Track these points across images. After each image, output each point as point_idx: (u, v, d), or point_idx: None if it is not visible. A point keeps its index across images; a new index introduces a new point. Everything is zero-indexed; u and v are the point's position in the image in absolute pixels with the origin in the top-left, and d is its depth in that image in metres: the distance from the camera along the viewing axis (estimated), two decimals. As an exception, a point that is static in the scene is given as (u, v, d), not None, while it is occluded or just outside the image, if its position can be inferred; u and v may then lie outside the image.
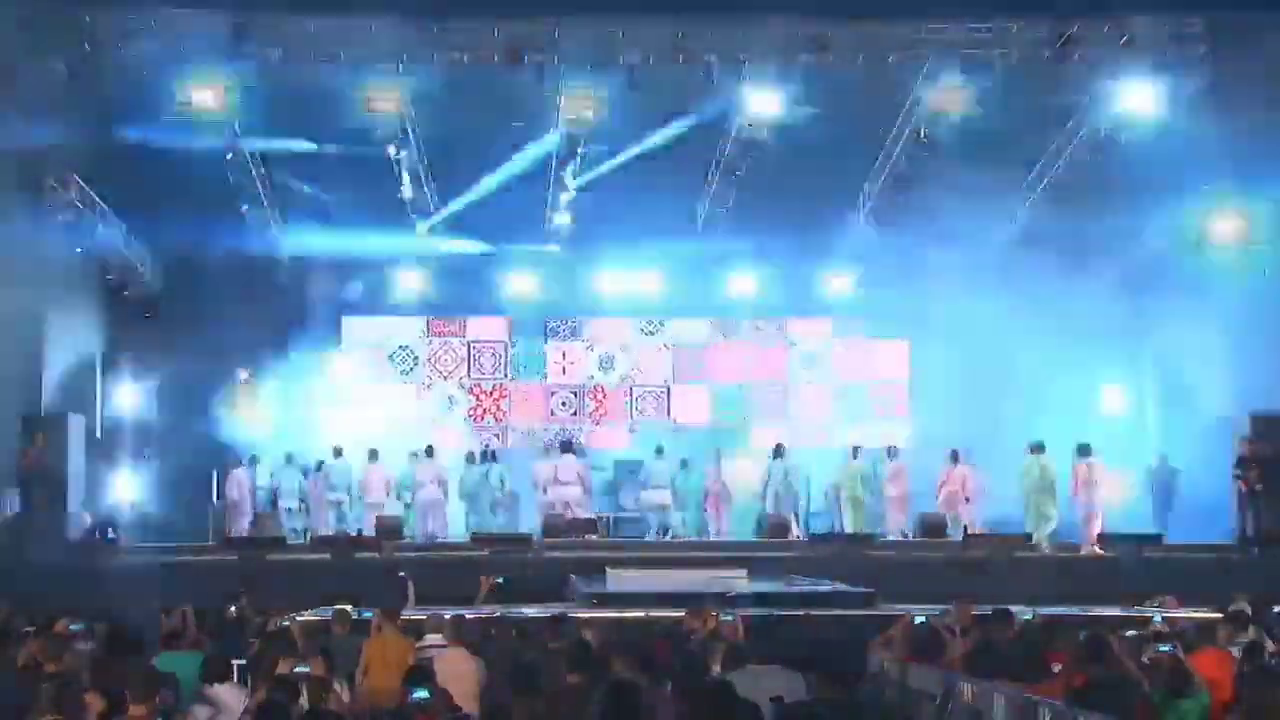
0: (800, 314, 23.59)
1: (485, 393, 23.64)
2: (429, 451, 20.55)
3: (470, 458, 21.11)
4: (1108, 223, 19.62)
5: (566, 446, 21.11)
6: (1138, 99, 18.10)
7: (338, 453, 20.69)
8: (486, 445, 22.37)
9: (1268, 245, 18.84)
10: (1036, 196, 20.36)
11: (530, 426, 23.44)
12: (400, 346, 23.60)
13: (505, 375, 23.68)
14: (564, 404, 23.72)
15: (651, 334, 23.84)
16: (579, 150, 19.48)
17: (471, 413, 23.50)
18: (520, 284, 22.69)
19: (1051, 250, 20.42)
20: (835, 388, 23.69)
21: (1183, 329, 19.15)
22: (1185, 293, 19.19)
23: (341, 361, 22.92)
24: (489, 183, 20.28)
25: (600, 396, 23.70)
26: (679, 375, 23.72)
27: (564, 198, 20.74)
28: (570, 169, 19.92)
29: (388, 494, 20.10)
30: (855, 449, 20.79)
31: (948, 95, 18.22)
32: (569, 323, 23.73)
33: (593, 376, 23.73)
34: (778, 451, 20.69)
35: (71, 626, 10.31)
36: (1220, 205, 19.11)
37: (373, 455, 20.44)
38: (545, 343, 23.77)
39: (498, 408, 23.63)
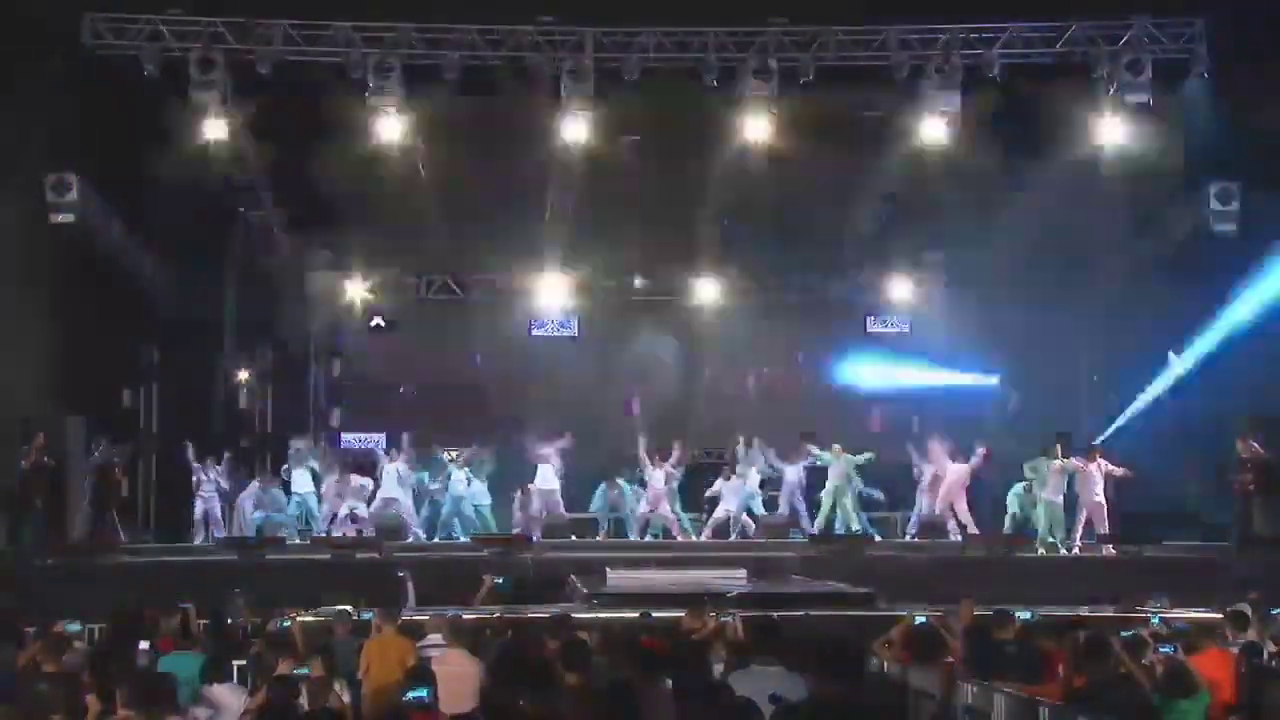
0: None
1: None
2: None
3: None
4: (1108, 223, 19.59)
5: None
6: (1137, 96, 18.09)
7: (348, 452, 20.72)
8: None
9: (1267, 243, 18.83)
10: (1039, 197, 20.32)
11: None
12: None
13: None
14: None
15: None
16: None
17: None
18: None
19: (1052, 250, 20.45)
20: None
21: (1182, 328, 19.12)
22: (1186, 292, 19.18)
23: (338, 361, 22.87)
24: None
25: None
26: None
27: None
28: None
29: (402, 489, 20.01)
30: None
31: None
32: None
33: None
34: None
35: (71, 626, 10.32)
36: (1220, 204, 19.08)
37: (388, 453, 20.43)
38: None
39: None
